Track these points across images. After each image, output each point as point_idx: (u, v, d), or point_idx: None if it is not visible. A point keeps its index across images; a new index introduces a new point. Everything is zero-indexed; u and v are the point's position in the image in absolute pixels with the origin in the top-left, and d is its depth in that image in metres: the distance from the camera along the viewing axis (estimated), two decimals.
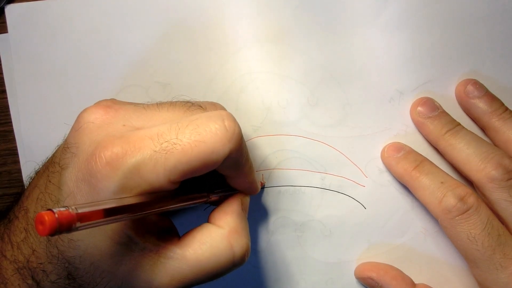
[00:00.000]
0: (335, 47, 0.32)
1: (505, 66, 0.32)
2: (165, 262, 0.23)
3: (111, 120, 0.24)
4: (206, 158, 0.22)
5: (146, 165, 0.21)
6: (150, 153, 0.21)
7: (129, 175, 0.21)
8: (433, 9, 0.32)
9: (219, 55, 0.32)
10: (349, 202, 0.33)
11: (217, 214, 0.26)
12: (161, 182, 0.22)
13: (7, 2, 0.32)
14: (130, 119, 0.24)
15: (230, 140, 0.22)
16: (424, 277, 0.33)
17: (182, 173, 0.22)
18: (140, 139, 0.22)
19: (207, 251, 0.24)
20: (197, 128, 0.22)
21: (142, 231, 0.24)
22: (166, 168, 0.21)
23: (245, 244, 0.25)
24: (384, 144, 0.33)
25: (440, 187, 0.29)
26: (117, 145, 0.21)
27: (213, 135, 0.22)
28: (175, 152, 0.21)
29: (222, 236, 0.24)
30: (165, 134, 0.22)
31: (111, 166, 0.21)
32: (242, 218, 0.26)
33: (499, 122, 0.30)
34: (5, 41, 0.33)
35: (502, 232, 0.28)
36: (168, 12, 0.32)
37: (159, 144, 0.22)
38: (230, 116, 0.23)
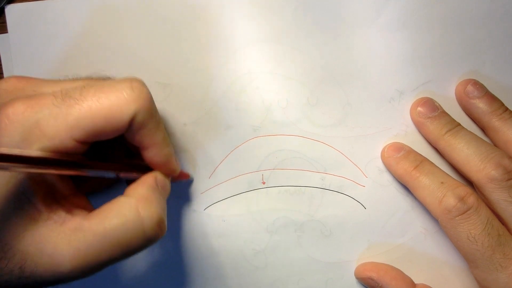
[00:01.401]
0: (335, 47, 0.32)
1: (505, 66, 0.32)
2: (70, 233, 0.22)
3: (23, 87, 0.24)
4: (109, 115, 0.22)
5: (46, 120, 0.21)
6: (51, 107, 0.21)
7: (29, 129, 0.21)
8: (433, 9, 0.32)
9: (219, 55, 0.32)
10: (349, 202, 0.33)
11: (129, 187, 0.25)
12: (63, 139, 0.21)
13: (7, 2, 0.32)
14: (43, 86, 0.24)
15: (135, 99, 0.22)
16: (424, 277, 0.33)
17: (85, 130, 0.22)
18: (44, 96, 0.22)
19: (114, 220, 0.23)
20: (103, 87, 0.22)
21: (49, 201, 0.23)
22: (68, 123, 0.21)
23: (156, 213, 0.24)
24: (384, 144, 0.33)
25: (440, 187, 0.29)
26: (19, 102, 0.22)
27: (118, 94, 0.22)
28: (77, 107, 0.21)
29: (130, 204, 0.23)
30: (69, 92, 0.22)
31: (10, 120, 0.21)
32: (156, 191, 0.25)
33: (499, 122, 0.30)
34: (5, 41, 0.33)
35: (502, 232, 0.28)
36: (168, 12, 0.32)
37: (62, 100, 0.22)
38: (139, 81, 0.23)
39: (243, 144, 0.33)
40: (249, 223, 0.33)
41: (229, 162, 0.33)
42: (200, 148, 0.33)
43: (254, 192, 0.33)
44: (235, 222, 0.33)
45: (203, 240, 0.34)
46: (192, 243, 0.34)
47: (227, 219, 0.33)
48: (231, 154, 0.33)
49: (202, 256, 0.34)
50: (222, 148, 0.33)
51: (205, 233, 0.34)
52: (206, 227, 0.33)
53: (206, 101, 0.33)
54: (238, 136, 0.33)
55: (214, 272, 0.34)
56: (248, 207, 0.33)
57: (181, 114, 0.33)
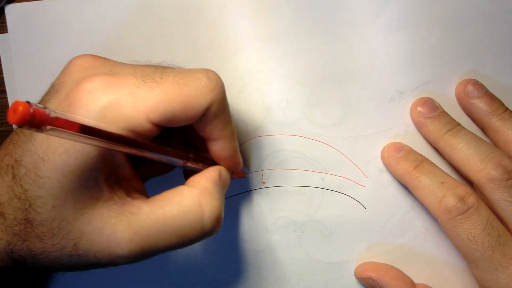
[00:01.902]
0: (335, 47, 0.32)
1: (505, 66, 0.32)
2: (129, 216, 0.22)
3: (98, 65, 0.24)
4: (187, 101, 0.22)
5: (126, 99, 0.21)
6: (132, 88, 0.21)
7: (108, 106, 0.21)
8: (433, 9, 0.32)
9: (219, 55, 0.32)
10: (349, 202, 0.33)
11: (193, 177, 0.25)
12: (140, 120, 0.21)
13: (7, 2, 0.32)
14: (117, 67, 0.24)
15: (212, 89, 0.22)
16: (424, 277, 0.33)
17: (163, 114, 0.21)
18: (125, 76, 0.22)
19: (175, 208, 0.22)
20: (182, 73, 0.22)
21: (112, 182, 0.22)
22: (147, 105, 0.21)
23: (217, 208, 0.23)
24: (384, 144, 0.33)
25: (440, 187, 0.29)
26: (100, 79, 0.21)
27: (196, 81, 0.22)
28: (157, 90, 0.21)
29: (193, 194, 0.23)
30: (150, 74, 0.22)
31: (91, 96, 0.21)
32: (217, 185, 0.25)
33: (499, 122, 0.30)
34: (5, 41, 0.33)
35: (502, 232, 0.28)
36: (168, 12, 0.32)
37: (143, 81, 0.21)
38: (214, 72, 0.23)
39: (243, 144, 0.33)
40: (249, 223, 0.33)
41: None
42: None
43: (254, 192, 0.33)
44: (235, 222, 0.33)
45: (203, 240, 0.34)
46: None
47: (227, 219, 0.33)
48: None
49: (201, 256, 0.34)
50: None
51: None
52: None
53: None
54: (238, 136, 0.33)
55: (214, 272, 0.34)
56: (248, 207, 0.33)
57: None
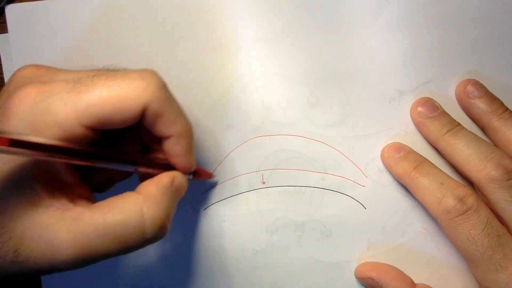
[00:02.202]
0: (335, 47, 0.32)
1: (505, 66, 0.32)
2: (70, 222, 0.22)
3: (39, 74, 0.24)
4: (119, 103, 0.22)
5: (56, 105, 0.21)
6: (61, 93, 0.21)
7: (38, 113, 0.21)
8: (433, 9, 0.32)
9: (219, 55, 0.32)
10: (349, 202, 0.33)
11: (142, 183, 0.25)
12: (72, 125, 0.21)
13: (7, 2, 0.32)
14: (59, 74, 0.24)
15: (145, 88, 0.22)
16: (424, 277, 0.33)
17: (94, 117, 0.21)
18: (56, 82, 0.22)
19: (116, 215, 0.22)
20: (114, 76, 0.22)
21: (52, 188, 0.22)
22: (77, 109, 0.21)
23: (160, 217, 0.23)
24: (384, 144, 0.33)
25: (440, 187, 0.29)
26: (32, 87, 0.22)
27: (128, 83, 0.22)
28: (87, 93, 0.21)
29: (136, 202, 0.23)
30: (81, 79, 0.22)
31: (22, 104, 0.21)
32: (167, 192, 0.25)
33: (499, 122, 0.30)
34: (5, 41, 0.33)
35: (502, 233, 0.28)
36: (168, 12, 0.32)
37: (73, 86, 0.22)
38: (151, 70, 0.23)
39: (243, 144, 0.33)
40: (249, 223, 0.33)
41: (229, 162, 0.33)
42: (200, 148, 0.33)
43: (254, 192, 0.33)
44: (235, 222, 0.33)
45: (203, 240, 0.34)
46: (192, 243, 0.34)
47: (227, 219, 0.33)
48: (231, 154, 0.33)
49: (202, 256, 0.34)
50: (222, 148, 0.33)
51: (205, 233, 0.34)
52: (206, 227, 0.33)
53: (206, 101, 0.33)
54: (238, 136, 0.33)
55: (214, 272, 0.34)
56: (248, 207, 0.33)
57: None
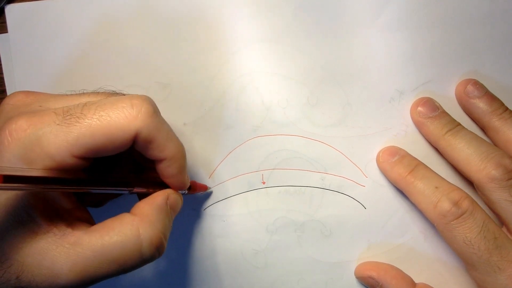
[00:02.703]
0: (335, 47, 0.32)
1: (505, 66, 0.32)
2: (68, 247, 0.22)
3: (29, 102, 0.25)
4: (110, 133, 0.22)
5: (46, 137, 0.21)
6: (51, 125, 0.22)
7: (30, 146, 0.21)
8: (433, 9, 0.32)
9: (219, 55, 0.32)
10: (349, 202, 0.33)
11: (137, 204, 0.25)
12: (63, 156, 0.22)
13: (7, 2, 0.32)
14: (49, 101, 0.25)
15: (135, 117, 0.23)
16: (424, 277, 0.33)
17: (86, 148, 0.22)
18: (46, 114, 0.22)
19: (114, 238, 0.23)
20: (103, 105, 0.23)
21: (49, 214, 0.23)
22: (68, 141, 0.21)
23: (156, 236, 0.24)
24: (385, 144, 0.33)
25: (435, 191, 0.29)
26: (22, 119, 0.22)
27: (118, 112, 0.22)
28: (77, 125, 0.22)
29: (132, 223, 0.23)
30: (71, 109, 0.22)
31: (12, 137, 0.21)
32: (162, 211, 0.25)
33: (499, 122, 0.30)
34: (5, 41, 0.33)
35: (499, 235, 0.28)
36: (168, 12, 0.32)
37: (63, 117, 0.22)
38: (141, 97, 0.23)
39: (243, 144, 0.33)
40: (249, 223, 0.33)
41: (229, 162, 0.33)
42: (200, 148, 0.33)
43: (254, 192, 0.33)
44: (235, 222, 0.33)
45: (203, 240, 0.34)
46: (192, 243, 0.34)
47: (227, 219, 0.33)
48: (231, 154, 0.33)
49: (202, 256, 0.34)
50: (222, 148, 0.33)
51: (205, 233, 0.34)
52: (206, 227, 0.33)
53: (206, 101, 0.33)
54: (238, 136, 0.33)
55: (214, 272, 0.34)
56: (248, 207, 0.33)
57: (181, 114, 0.33)
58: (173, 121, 0.33)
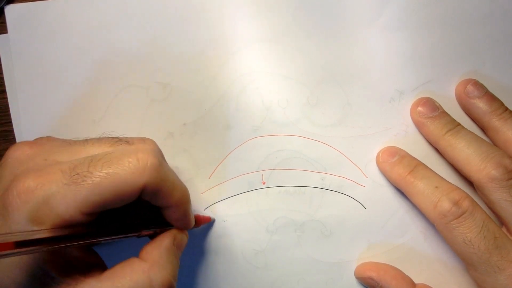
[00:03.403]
0: (335, 47, 0.32)
1: (505, 66, 0.32)
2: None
3: (34, 155, 0.25)
4: (117, 190, 0.22)
5: (55, 198, 0.22)
6: (59, 185, 0.22)
7: (38, 207, 0.21)
8: (433, 9, 0.32)
9: (219, 55, 0.32)
10: (349, 202, 0.33)
11: (145, 248, 0.26)
12: (72, 215, 0.22)
13: (7, 2, 0.32)
14: (53, 153, 0.25)
15: (142, 172, 0.23)
16: (424, 277, 0.33)
17: (95, 205, 0.22)
18: (52, 172, 0.22)
19: (126, 285, 0.23)
20: (110, 161, 0.23)
21: (62, 266, 0.23)
22: (77, 200, 0.22)
23: (167, 280, 0.24)
24: (385, 144, 0.33)
25: (435, 191, 0.29)
26: (29, 178, 0.22)
27: (125, 168, 0.22)
28: (85, 184, 0.22)
29: (143, 269, 0.24)
30: (77, 167, 0.22)
31: (21, 199, 0.22)
32: (170, 253, 0.26)
33: (499, 122, 0.30)
34: (5, 41, 0.33)
35: (499, 235, 0.28)
36: (168, 12, 0.32)
37: (70, 176, 0.22)
38: (147, 149, 0.24)
39: (243, 144, 0.33)
40: (249, 223, 0.33)
41: (229, 162, 0.33)
42: (200, 148, 0.33)
43: (254, 192, 0.33)
44: (235, 222, 0.33)
45: (203, 240, 0.34)
46: (192, 243, 0.34)
47: (227, 219, 0.33)
48: (231, 154, 0.33)
49: (202, 256, 0.34)
50: (222, 148, 0.33)
51: (205, 233, 0.34)
52: (206, 227, 0.33)
53: (206, 101, 0.33)
54: (238, 136, 0.33)
55: (214, 272, 0.34)
56: (248, 207, 0.33)
57: (181, 114, 0.33)
58: (173, 121, 0.33)
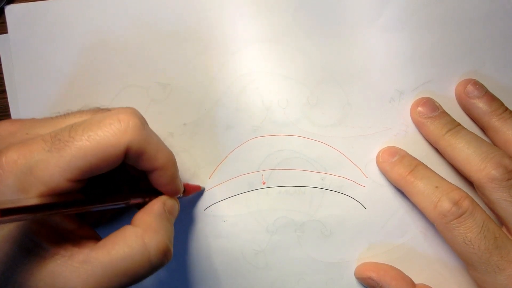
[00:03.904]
0: (335, 47, 0.32)
1: (505, 66, 0.32)
2: (78, 266, 0.23)
3: (15, 130, 0.25)
4: (101, 152, 0.22)
5: (38, 166, 0.22)
6: (42, 153, 0.22)
7: (23, 176, 0.21)
8: (433, 9, 0.32)
9: (219, 55, 0.32)
10: (349, 202, 0.33)
11: (136, 215, 0.26)
12: (58, 182, 0.22)
13: (7, 2, 0.32)
14: (35, 128, 0.25)
15: (124, 132, 0.23)
16: (424, 277, 0.33)
17: (79, 170, 0.22)
18: (34, 142, 0.22)
19: (120, 251, 0.23)
20: (90, 125, 0.23)
21: (54, 237, 0.23)
22: (60, 166, 0.22)
23: (162, 242, 0.24)
24: (385, 144, 0.33)
25: (435, 191, 0.29)
26: (11, 151, 0.22)
27: (106, 130, 0.22)
28: (67, 149, 0.22)
29: (136, 234, 0.24)
30: (58, 134, 0.22)
31: (4, 170, 0.22)
32: (162, 218, 0.26)
33: (499, 122, 0.30)
34: (5, 41, 0.33)
35: (499, 235, 0.28)
36: (168, 12, 0.32)
37: (51, 143, 0.22)
38: (127, 111, 0.23)
39: (243, 144, 0.33)
40: (249, 223, 0.33)
41: (229, 162, 0.33)
42: (200, 148, 0.33)
43: (254, 192, 0.33)
44: (235, 222, 0.33)
45: (203, 240, 0.34)
46: (192, 243, 0.34)
47: (227, 219, 0.33)
48: (231, 154, 0.33)
49: (202, 256, 0.34)
50: (222, 148, 0.33)
51: (205, 233, 0.34)
52: (206, 227, 0.33)
53: (206, 101, 0.33)
54: (238, 136, 0.33)
55: (214, 272, 0.34)
56: (248, 207, 0.33)
57: (181, 114, 0.33)
58: (173, 121, 0.33)
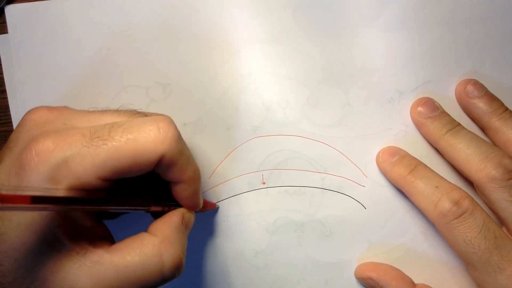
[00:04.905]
0: (335, 47, 0.32)
1: (505, 66, 0.32)
2: (91, 266, 0.23)
3: (53, 118, 0.24)
4: (137, 156, 0.22)
5: (74, 159, 0.22)
6: (79, 147, 0.22)
7: (57, 168, 0.21)
8: (433, 9, 0.32)
9: (219, 55, 0.32)
10: (349, 202, 0.33)
11: (155, 224, 0.26)
12: (89, 177, 0.22)
13: (7, 2, 0.32)
14: (72, 119, 0.25)
15: (163, 141, 0.23)
16: (424, 277, 0.33)
17: (112, 170, 0.22)
18: (73, 134, 0.22)
19: (136, 258, 0.23)
20: (131, 127, 0.23)
21: (72, 232, 0.23)
22: (95, 163, 0.22)
23: (177, 256, 0.24)
24: (385, 144, 0.33)
25: (435, 191, 0.29)
26: (49, 139, 0.22)
27: (145, 135, 0.22)
28: (105, 148, 0.22)
29: (154, 244, 0.24)
30: (98, 131, 0.22)
31: (39, 158, 0.21)
32: (180, 231, 0.26)
33: (499, 122, 0.30)
34: (5, 41, 0.33)
35: (499, 235, 0.28)
36: (168, 12, 0.32)
37: (90, 139, 0.22)
38: (166, 120, 0.24)
39: (243, 144, 0.33)
40: (249, 223, 0.33)
41: (229, 162, 0.33)
42: (200, 148, 0.33)
43: (254, 192, 0.33)
44: (235, 222, 0.33)
45: (203, 240, 0.34)
46: (192, 243, 0.34)
47: (227, 219, 0.33)
48: (231, 154, 0.33)
49: (202, 256, 0.34)
50: (222, 148, 0.33)
51: (205, 234, 0.34)
52: (206, 227, 0.33)
53: (206, 101, 0.33)
54: (238, 136, 0.33)
55: (215, 272, 0.34)
56: (248, 207, 0.33)
57: (181, 114, 0.33)
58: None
